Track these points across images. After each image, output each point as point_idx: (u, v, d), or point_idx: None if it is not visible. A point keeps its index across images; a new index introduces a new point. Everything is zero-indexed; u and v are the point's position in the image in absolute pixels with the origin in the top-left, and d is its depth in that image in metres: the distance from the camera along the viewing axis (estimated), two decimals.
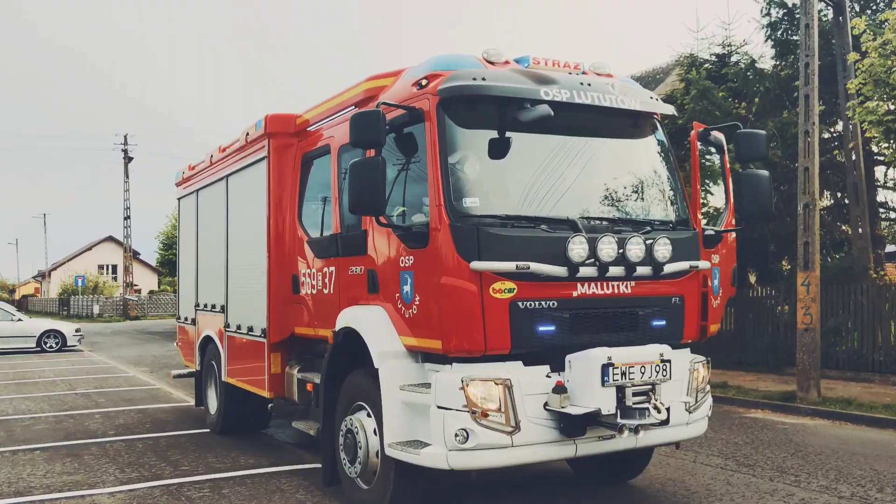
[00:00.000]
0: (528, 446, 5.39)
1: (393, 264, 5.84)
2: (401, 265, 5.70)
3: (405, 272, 5.65)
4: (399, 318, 5.75)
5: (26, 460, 8.53)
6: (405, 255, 5.67)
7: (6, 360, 22.25)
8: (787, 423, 10.48)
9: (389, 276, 5.89)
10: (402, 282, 5.68)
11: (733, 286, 7.09)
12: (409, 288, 5.61)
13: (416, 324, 5.60)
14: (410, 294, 5.59)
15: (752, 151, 6.55)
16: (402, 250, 5.71)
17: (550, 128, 5.87)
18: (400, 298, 5.72)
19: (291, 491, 7.06)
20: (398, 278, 5.73)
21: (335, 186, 6.99)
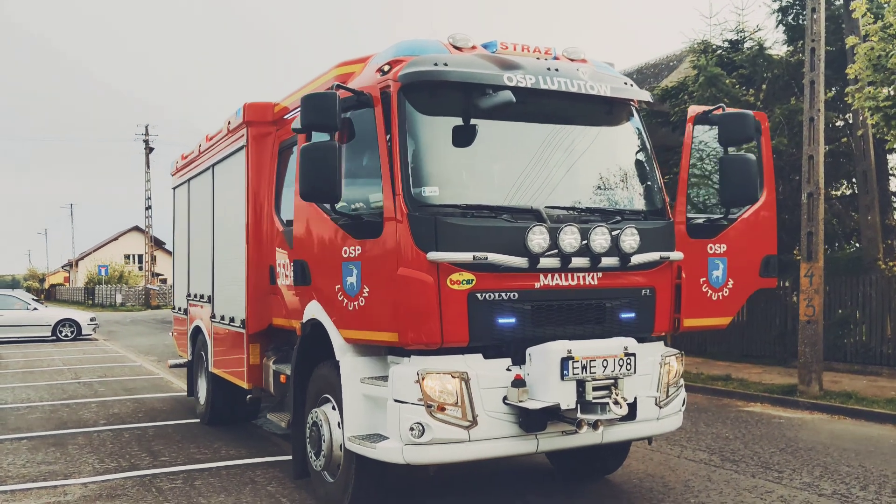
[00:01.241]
0: (486, 441, 5.26)
1: (331, 254, 5.61)
2: (344, 255, 5.48)
3: (350, 263, 5.44)
4: (340, 311, 5.54)
5: (10, 449, 8.57)
6: (350, 246, 5.44)
7: (21, 348, 22.54)
8: (784, 417, 10.24)
9: (327, 267, 5.67)
10: (345, 273, 5.47)
11: (767, 276, 6.57)
12: (354, 279, 5.42)
13: (363, 317, 5.41)
14: (356, 286, 5.41)
15: (738, 133, 6.21)
16: (344, 240, 5.48)
17: (515, 114, 5.71)
18: (341, 290, 5.50)
19: (264, 483, 7.01)
20: (339, 269, 5.51)
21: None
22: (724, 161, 6.18)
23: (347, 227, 5.45)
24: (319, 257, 5.81)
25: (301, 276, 5.93)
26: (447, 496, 6.55)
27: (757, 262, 6.43)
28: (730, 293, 6.34)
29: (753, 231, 6.42)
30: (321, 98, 5.29)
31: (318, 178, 5.20)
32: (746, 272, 6.39)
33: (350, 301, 5.45)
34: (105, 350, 21.84)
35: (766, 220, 6.50)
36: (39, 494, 6.72)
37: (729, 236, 6.29)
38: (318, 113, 5.25)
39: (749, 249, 6.39)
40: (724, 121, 6.19)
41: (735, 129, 6.16)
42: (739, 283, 6.37)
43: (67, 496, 6.66)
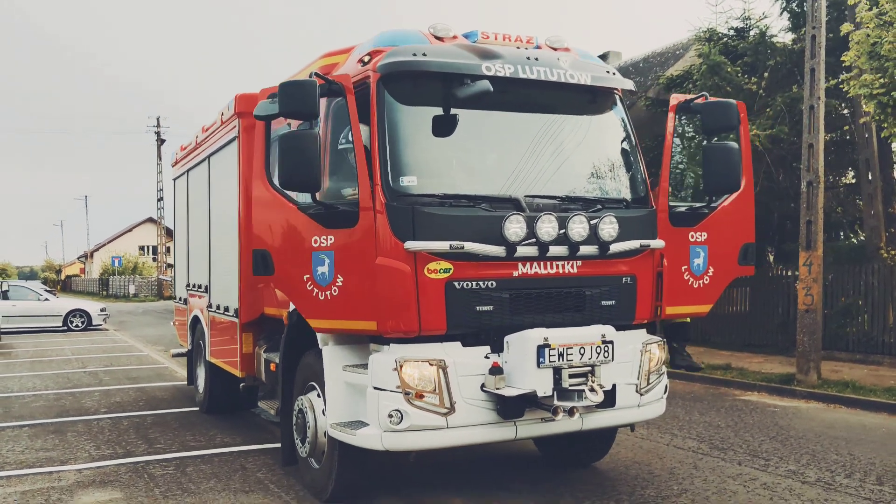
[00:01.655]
0: (465, 428, 5.32)
1: (299, 244, 5.51)
2: (314, 245, 5.43)
3: (321, 252, 5.41)
4: (310, 301, 5.49)
5: (11, 436, 8.73)
6: (321, 235, 5.41)
7: (32, 338, 22.83)
8: (780, 406, 10.24)
9: (293, 257, 5.56)
10: (315, 263, 5.43)
11: (745, 264, 6.63)
12: (326, 269, 5.41)
13: (337, 306, 5.42)
14: (329, 275, 5.40)
15: (721, 122, 6.23)
16: (314, 230, 5.43)
17: (495, 104, 5.74)
18: (311, 280, 5.45)
19: (254, 470, 7.11)
20: (308, 259, 5.45)
21: None
22: (707, 149, 6.21)
23: (318, 217, 5.41)
24: (284, 247, 5.69)
25: (262, 266, 5.74)
26: (432, 483, 6.62)
27: (736, 250, 6.46)
28: (710, 280, 6.38)
29: (732, 219, 6.46)
30: (300, 86, 5.28)
31: (299, 167, 5.19)
32: (726, 260, 6.42)
33: (321, 291, 5.42)
34: (114, 340, 22.08)
35: (745, 208, 6.52)
36: (34, 480, 6.85)
37: (709, 224, 6.32)
38: (297, 101, 5.24)
39: (728, 237, 6.43)
40: (707, 110, 6.21)
41: (718, 117, 6.18)
42: (719, 270, 6.40)
43: (61, 482, 6.79)
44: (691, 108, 6.34)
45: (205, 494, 6.33)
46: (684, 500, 6.07)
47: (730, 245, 6.43)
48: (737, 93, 15.54)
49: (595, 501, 6.07)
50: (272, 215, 5.79)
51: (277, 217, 5.75)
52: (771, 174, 14.42)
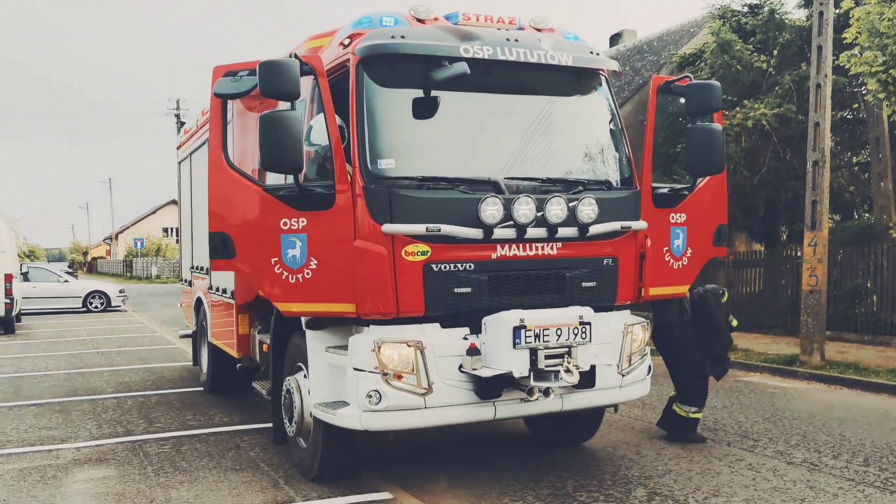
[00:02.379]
0: (443, 408, 5.38)
1: (265, 227, 5.45)
2: (283, 228, 5.39)
3: (292, 235, 5.39)
4: (279, 285, 5.46)
5: (18, 415, 8.94)
6: (292, 218, 5.38)
7: (52, 319, 23.24)
8: (780, 387, 10.20)
9: (258, 240, 5.48)
10: (285, 245, 5.40)
11: (719, 246, 6.74)
12: (298, 252, 5.39)
13: (310, 289, 5.43)
14: (301, 258, 5.39)
15: (704, 104, 6.23)
16: (283, 212, 5.39)
17: (475, 86, 5.75)
18: (280, 263, 5.41)
19: (247, 448, 7.24)
20: (276, 242, 5.40)
21: None
22: (691, 131, 6.20)
23: (288, 199, 5.38)
24: (248, 229, 5.58)
25: (222, 249, 5.62)
26: (418, 462, 6.70)
27: (711, 232, 6.52)
28: (688, 262, 6.43)
29: (708, 201, 6.53)
30: (280, 66, 5.20)
31: (281, 148, 5.13)
32: (702, 241, 6.50)
33: (292, 274, 5.41)
34: (131, 321, 22.41)
35: (719, 190, 6.59)
36: (33, 458, 7.03)
37: (688, 206, 6.34)
38: (278, 81, 5.17)
39: (704, 219, 6.49)
40: (691, 91, 6.20)
41: (701, 99, 6.17)
42: (696, 252, 6.45)
43: (59, 459, 6.96)
44: (672, 89, 6.32)
45: (195, 472, 6.46)
46: (667, 479, 6.10)
47: (705, 227, 6.52)
48: (747, 71, 15.39)
49: (578, 481, 6.11)
50: (232, 196, 5.67)
51: (239, 198, 5.63)
52: (778, 154, 14.26)
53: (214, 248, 5.66)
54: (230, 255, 5.59)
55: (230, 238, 5.58)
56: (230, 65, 5.66)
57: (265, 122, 5.21)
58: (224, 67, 5.66)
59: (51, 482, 6.26)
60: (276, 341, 6.74)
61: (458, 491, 5.90)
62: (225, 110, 5.76)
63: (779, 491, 5.78)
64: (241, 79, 5.48)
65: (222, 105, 5.75)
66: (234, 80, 5.52)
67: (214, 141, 5.77)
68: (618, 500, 5.64)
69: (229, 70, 5.60)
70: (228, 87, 5.56)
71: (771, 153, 14.27)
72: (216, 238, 5.65)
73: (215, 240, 5.66)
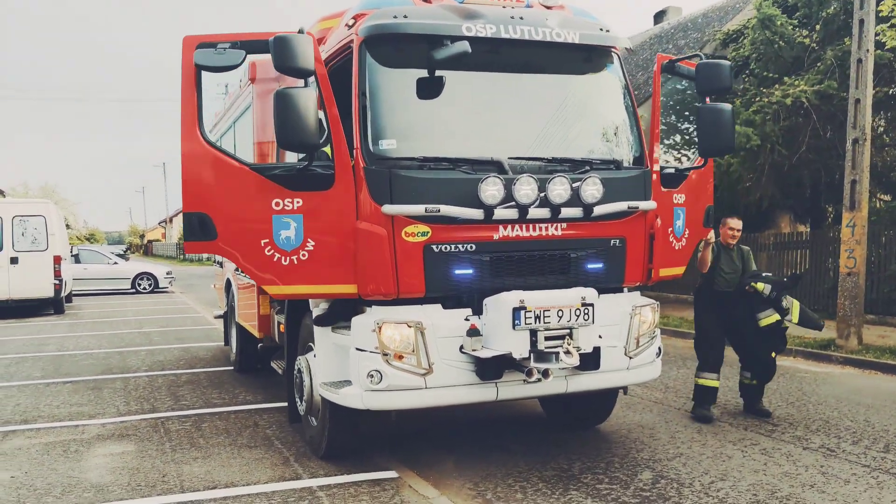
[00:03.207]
0: (444, 388, 5.39)
1: (254, 207, 5.36)
2: (275, 208, 5.33)
3: (286, 216, 5.35)
4: (272, 267, 5.40)
5: (53, 391, 9.25)
6: (286, 198, 5.34)
7: (101, 300, 23.95)
8: (812, 371, 9.96)
9: (245, 221, 5.39)
10: (277, 226, 5.35)
11: (707, 227, 6.85)
12: (293, 233, 5.36)
13: (309, 271, 5.41)
14: (296, 239, 5.36)
15: (714, 84, 6.12)
16: (275, 192, 5.33)
17: (479, 65, 5.69)
18: (271, 245, 5.37)
19: (264, 426, 7.37)
20: (268, 223, 5.34)
21: None
22: (701, 111, 6.10)
23: (281, 179, 5.34)
24: (231, 210, 5.43)
25: (200, 231, 5.41)
26: (428, 444, 6.74)
27: (702, 213, 6.49)
28: (686, 243, 6.40)
29: (700, 182, 6.54)
30: (295, 41, 5.05)
31: (295, 126, 5.02)
32: (696, 222, 6.51)
33: (286, 256, 5.37)
34: (175, 302, 22.95)
35: (707, 171, 6.58)
36: (60, 433, 7.27)
37: (686, 187, 6.28)
38: (292, 57, 5.03)
39: (697, 200, 6.51)
40: (700, 71, 6.10)
41: (711, 79, 6.08)
42: (692, 232, 6.45)
43: (84, 434, 7.19)
44: (676, 69, 6.27)
45: (211, 449, 6.61)
46: (676, 463, 6.02)
47: (699, 207, 6.54)
48: (789, 47, 14.94)
49: (586, 463, 6.08)
50: (212, 174, 5.48)
51: (220, 177, 5.46)
52: (818, 132, 13.82)
53: (191, 230, 5.43)
54: (210, 236, 5.41)
55: (209, 218, 5.40)
56: (203, 36, 5.43)
57: (279, 100, 5.09)
58: (195, 38, 5.43)
59: (72, 456, 6.47)
60: (289, 322, 6.83)
61: (464, 471, 5.92)
62: (199, 82, 5.47)
63: (788, 476, 5.66)
64: (226, 52, 5.31)
65: (197, 77, 5.46)
66: (218, 53, 5.32)
67: (188, 114, 5.48)
68: (622, 483, 5.59)
69: (203, 41, 5.37)
70: (211, 60, 5.33)
71: (811, 131, 13.84)
72: (193, 218, 5.42)
73: (192, 220, 5.43)
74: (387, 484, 5.61)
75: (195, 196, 5.46)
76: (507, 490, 5.50)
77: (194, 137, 5.45)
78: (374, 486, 5.57)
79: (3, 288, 18.41)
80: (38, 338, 14.69)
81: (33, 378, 10.23)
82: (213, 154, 5.47)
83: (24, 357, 12.16)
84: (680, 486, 5.48)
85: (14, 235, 18.54)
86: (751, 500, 5.19)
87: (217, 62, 5.34)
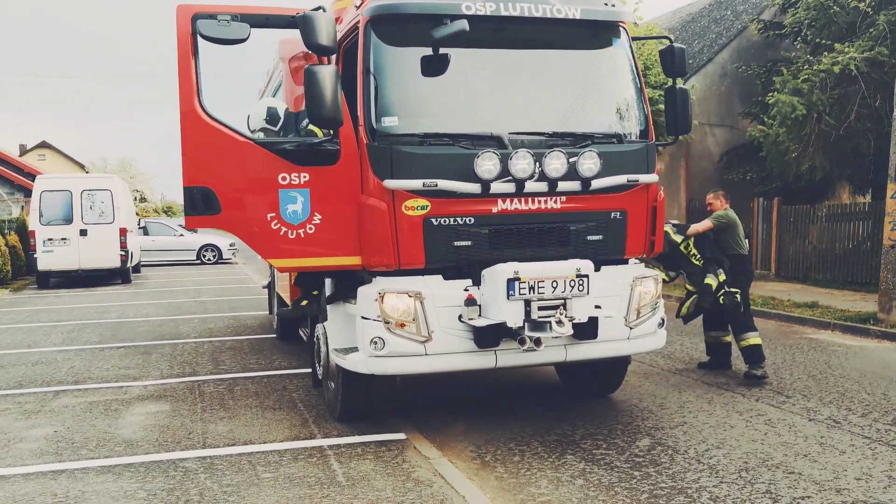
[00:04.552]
0: (443, 355, 5.64)
1: (260, 181, 5.61)
2: (282, 183, 5.59)
3: (292, 190, 5.61)
4: (278, 240, 5.66)
5: (106, 355, 9.88)
6: (293, 172, 5.60)
7: (167, 270, 25.02)
8: (845, 345, 9.83)
9: (253, 195, 5.63)
10: (284, 201, 5.61)
11: None
12: (299, 207, 5.62)
13: (315, 243, 5.67)
14: (303, 213, 5.62)
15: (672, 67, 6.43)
16: (282, 167, 5.58)
17: (480, 42, 5.85)
18: (278, 219, 5.62)
19: (292, 390, 7.77)
20: (275, 197, 5.59)
21: None
22: (667, 92, 6.48)
23: (288, 154, 5.58)
24: (237, 184, 5.59)
25: (203, 205, 5.53)
26: (442, 408, 7.01)
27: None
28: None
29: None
30: (322, 20, 5.22)
31: (323, 103, 5.19)
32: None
33: (292, 229, 5.63)
34: (236, 273, 23.78)
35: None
36: (104, 393, 7.83)
37: None
38: (320, 34, 5.20)
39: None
40: (664, 55, 6.45)
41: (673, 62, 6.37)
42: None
43: (126, 395, 7.72)
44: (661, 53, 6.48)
45: (238, 410, 7.03)
46: (677, 432, 6.15)
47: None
48: (844, 12, 14.48)
49: (589, 430, 6.26)
50: (214, 148, 5.57)
51: (224, 151, 5.56)
52: (867, 100, 13.40)
53: (193, 204, 5.53)
54: (214, 210, 5.55)
55: (213, 193, 5.53)
56: (198, 6, 5.49)
57: (307, 76, 5.26)
58: (190, 7, 5.48)
59: (112, 414, 6.98)
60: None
61: (470, 435, 6.18)
62: (197, 52, 5.55)
63: (785, 446, 5.73)
64: (230, 24, 5.44)
65: (194, 46, 5.53)
66: (221, 25, 5.44)
67: (186, 86, 5.52)
68: (618, 449, 5.76)
69: (199, 12, 5.46)
70: (215, 31, 5.43)
71: (860, 100, 13.42)
72: (195, 192, 5.53)
73: (194, 195, 5.53)
74: (393, 445, 5.91)
75: (197, 170, 5.57)
76: (506, 453, 5.74)
77: (193, 110, 5.53)
78: (381, 446, 5.88)
79: (74, 259, 19.46)
80: (102, 306, 15.55)
81: (91, 343, 10.92)
82: (216, 128, 5.57)
83: (87, 324, 12.94)
84: (674, 453, 5.62)
85: (83, 209, 19.54)
86: (740, 467, 5.31)
87: (221, 34, 5.46)
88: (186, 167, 5.59)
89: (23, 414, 7.04)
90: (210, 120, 5.61)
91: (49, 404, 7.38)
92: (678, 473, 5.21)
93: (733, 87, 19.45)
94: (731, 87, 19.50)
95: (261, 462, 5.56)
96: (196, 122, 5.58)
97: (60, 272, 19.82)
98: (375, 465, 5.45)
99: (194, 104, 5.58)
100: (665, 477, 5.16)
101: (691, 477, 5.14)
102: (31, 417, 6.91)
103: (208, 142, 5.60)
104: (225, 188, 5.59)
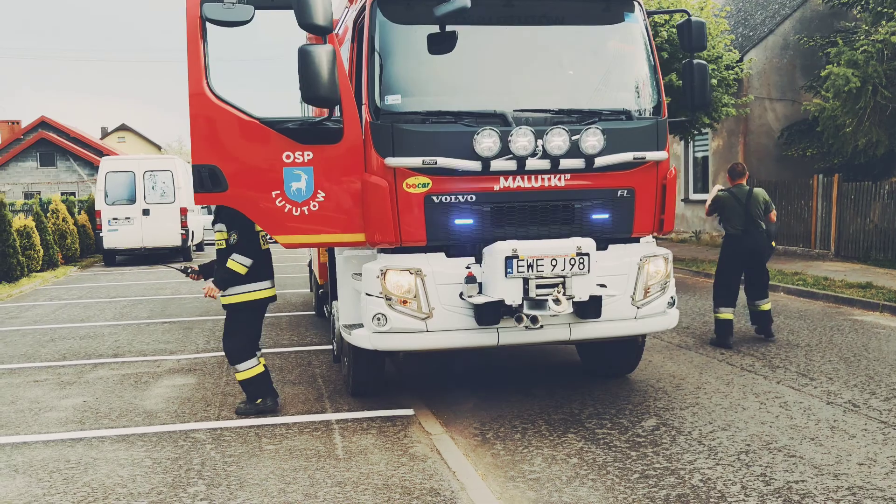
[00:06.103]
0: (445, 332, 5.68)
1: (265, 160, 5.65)
2: (286, 161, 5.65)
3: (297, 168, 5.66)
4: (282, 217, 5.69)
5: (150, 330, 10.28)
6: (297, 151, 5.64)
7: None
8: (890, 326, 9.44)
9: (258, 173, 5.67)
10: (289, 178, 5.67)
11: None
12: (303, 185, 5.67)
13: (318, 221, 5.72)
14: (307, 190, 5.66)
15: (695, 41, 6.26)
16: (286, 145, 5.62)
17: (485, 18, 5.82)
18: (282, 196, 5.67)
19: (316, 365, 7.95)
20: (279, 175, 5.71)
21: None
22: (685, 67, 6.27)
23: (292, 133, 5.63)
24: (243, 163, 5.67)
25: (211, 183, 5.62)
26: (455, 385, 7.07)
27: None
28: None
29: None
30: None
31: (318, 82, 5.18)
32: None
33: (296, 206, 5.69)
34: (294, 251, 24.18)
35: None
36: (139, 366, 8.16)
37: None
38: (314, 14, 5.16)
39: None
40: (682, 29, 6.29)
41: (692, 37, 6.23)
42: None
43: (158, 368, 8.03)
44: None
45: None
46: (686, 413, 6.05)
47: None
48: None
49: (597, 409, 6.22)
50: (221, 128, 5.67)
51: (230, 130, 5.66)
52: None
53: (201, 182, 5.64)
54: (221, 188, 5.65)
55: (220, 171, 5.63)
56: None
57: (301, 56, 5.25)
58: None
59: (140, 386, 7.28)
60: (330, 269, 7.31)
61: (478, 412, 6.22)
62: (205, 34, 5.63)
63: (794, 429, 5.58)
64: (235, 7, 5.52)
65: (202, 28, 5.62)
66: (226, 8, 5.52)
67: (194, 68, 5.62)
68: (621, 429, 5.71)
69: None
70: (220, 14, 5.51)
71: None
72: (203, 171, 5.63)
73: (202, 172, 5.62)
74: (399, 421, 6.00)
75: (205, 149, 5.67)
76: (508, 431, 5.76)
77: (202, 91, 5.63)
78: (387, 422, 5.98)
79: (137, 237, 20.20)
80: (158, 283, 16.12)
81: (139, 318, 11.37)
82: (222, 108, 5.65)
83: (141, 300, 13.46)
84: (677, 434, 5.55)
85: (145, 189, 20.23)
86: (741, 449, 5.20)
87: (226, 17, 5.53)
88: (195, 146, 5.70)
89: (59, 385, 7.41)
90: (218, 101, 5.70)
91: (85, 376, 7.74)
92: (675, 454, 5.15)
93: (795, 59, 18.74)
94: (794, 60, 18.79)
95: (267, 434, 5.73)
96: (204, 103, 5.68)
97: (125, 250, 20.61)
98: (377, 440, 5.55)
99: (203, 86, 5.69)
100: (661, 458, 5.10)
101: (688, 458, 5.07)
102: (66, 388, 7.27)
103: (216, 122, 5.70)
104: (231, 166, 5.68)
